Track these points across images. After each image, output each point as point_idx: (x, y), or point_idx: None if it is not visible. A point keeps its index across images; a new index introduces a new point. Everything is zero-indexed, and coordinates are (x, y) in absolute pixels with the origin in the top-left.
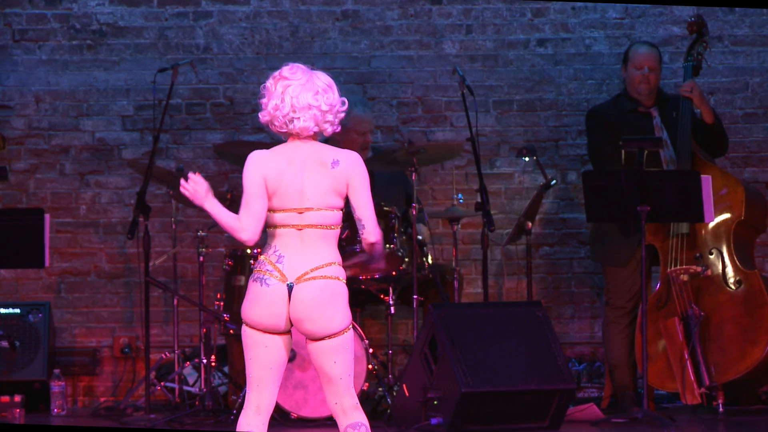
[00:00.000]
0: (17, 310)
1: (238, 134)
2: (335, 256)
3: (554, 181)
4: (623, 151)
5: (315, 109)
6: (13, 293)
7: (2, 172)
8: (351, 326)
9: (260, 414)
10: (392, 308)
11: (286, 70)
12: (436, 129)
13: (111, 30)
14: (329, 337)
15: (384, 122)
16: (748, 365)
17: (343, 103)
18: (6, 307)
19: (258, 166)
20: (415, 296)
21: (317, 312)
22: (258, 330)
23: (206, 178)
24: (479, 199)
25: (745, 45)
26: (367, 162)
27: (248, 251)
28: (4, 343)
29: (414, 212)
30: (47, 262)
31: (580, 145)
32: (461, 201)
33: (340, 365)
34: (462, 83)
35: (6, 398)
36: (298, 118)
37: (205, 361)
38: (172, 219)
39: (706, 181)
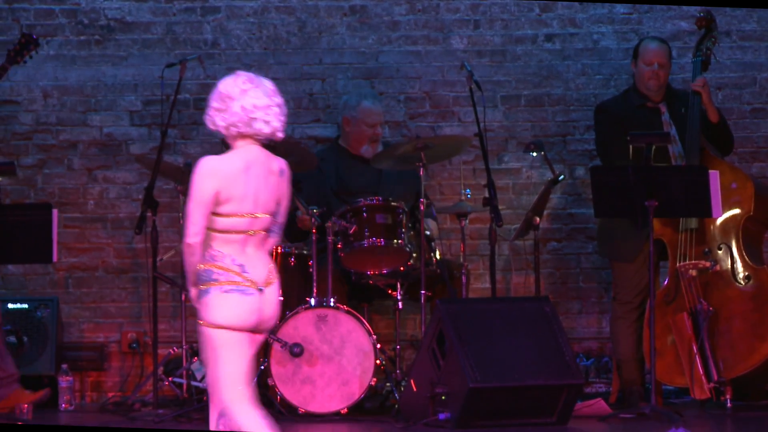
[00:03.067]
0: (25, 306)
1: None
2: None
3: (562, 177)
4: (631, 147)
5: (275, 108)
6: (21, 288)
7: (10, 167)
8: None
9: (253, 404)
10: (400, 303)
11: (236, 77)
12: (444, 124)
13: (119, 25)
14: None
15: (392, 117)
16: (757, 361)
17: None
18: (14, 302)
19: (210, 176)
20: (422, 291)
21: (276, 310)
22: (245, 331)
23: None
24: (487, 195)
25: (753, 40)
26: (377, 156)
27: None
28: (13, 339)
29: (422, 207)
30: (55, 257)
31: (588, 141)
32: (469, 196)
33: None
34: (470, 78)
35: None
36: (257, 119)
37: None
38: (180, 214)
39: (714, 176)
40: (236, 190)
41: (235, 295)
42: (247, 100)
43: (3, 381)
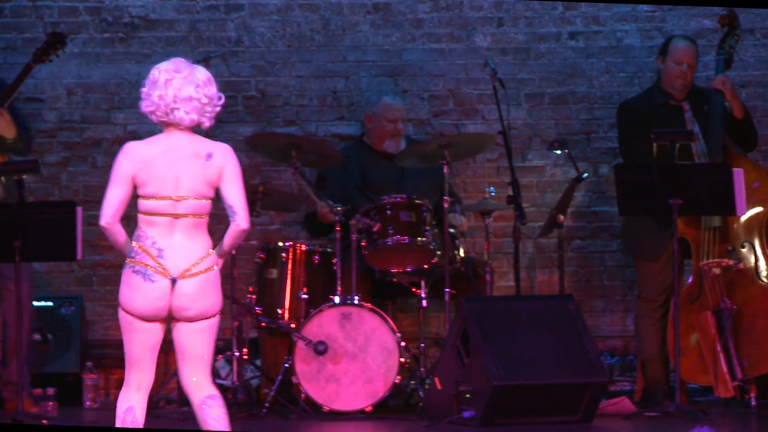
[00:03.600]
0: (50, 303)
1: (269, 127)
2: (208, 243)
3: (586, 174)
4: (655, 145)
5: (196, 101)
6: (46, 286)
7: (34, 164)
8: (221, 310)
9: (140, 391)
10: (424, 301)
11: (169, 63)
12: (468, 122)
13: (143, 23)
14: (204, 319)
15: (415, 115)
16: None
17: (219, 98)
18: (38, 300)
19: (128, 157)
20: (447, 289)
21: (197, 303)
22: (142, 319)
23: None
24: (511, 192)
25: None
26: (401, 154)
27: (280, 244)
28: (37, 336)
29: (446, 205)
30: (79, 255)
31: (612, 138)
32: (493, 194)
33: (207, 344)
34: (493, 76)
35: (39, 391)
36: (179, 108)
37: (237, 354)
38: None
39: (738, 174)
40: (154, 172)
41: (138, 277)
42: (169, 91)
43: None
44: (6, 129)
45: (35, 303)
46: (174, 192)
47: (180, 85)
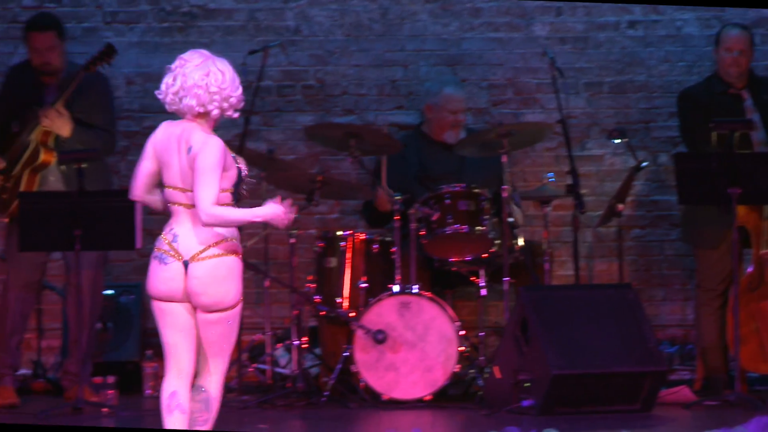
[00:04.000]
0: (110, 292)
1: (328, 116)
2: (227, 231)
3: (645, 163)
4: (714, 133)
5: (201, 89)
6: (106, 275)
7: (94, 154)
8: (241, 301)
9: (181, 377)
10: (483, 290)
11: (187, 53)
12: (527, 111)
13: (201, 12)
14: (219, 311)
15: (474, 104)
16: None
17: (236, 88)
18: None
19: (153, 135)
20: (505, 278)
21: (210, 288)
22: (160, 300)
23: (296, 160)
24: (570, 182)
25: None
26: (460, 143)
27: (339, 233)
28: (98, 325)
29: (505, 194)
30: (139, 244)
31: (671, 127)
32: (552, 180)
33: (222, 336)
34: (552, 65)
35: (99, 379)
36: (185, 96)
37: (296, 342)
38: (263, 201)
39: None
40: (163, 158)
41: (155, 262)
42: (177, 80)
43: None
44: (62, 127)
45: None
46: (180, 182)
47: (188, 72)
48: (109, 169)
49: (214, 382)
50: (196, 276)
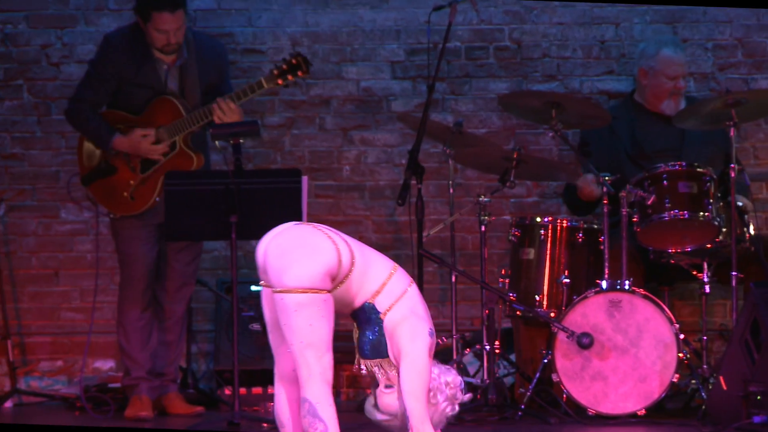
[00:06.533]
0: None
1: (525, 83)
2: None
3: None
4: None
5: None
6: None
7: (253, 127)
8: (311, 289)
9: (281, 380)
10: (707, 287)
11: None
12: (759, 76)
13: None
14: (283, 291)
15: (697, 68)
16: None
17: None
18: (258, 284)
19: None
20: (733, 273)
21: (275, 261)
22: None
23: (488, 134)
24: None
25: None
26: (680, 114)
27: (538, 220)
28: (256, 326)
29: (733, 174)
30: None
31: None
32: None
33: (291, 329)
34: None
35: (259, 389)
36: None
37: (487, 347)
38: (450, 182)
39: None
40: None
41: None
42: None
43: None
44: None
45: (254, 287)
46: None
47: None
48: None
49: (309, 383)
50: (269, 251)
